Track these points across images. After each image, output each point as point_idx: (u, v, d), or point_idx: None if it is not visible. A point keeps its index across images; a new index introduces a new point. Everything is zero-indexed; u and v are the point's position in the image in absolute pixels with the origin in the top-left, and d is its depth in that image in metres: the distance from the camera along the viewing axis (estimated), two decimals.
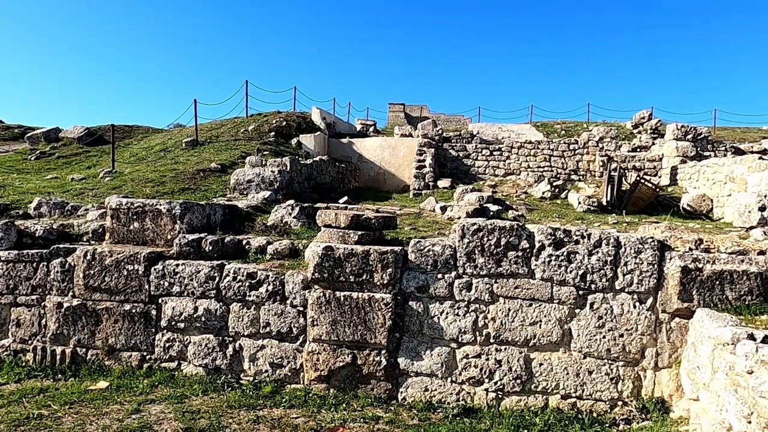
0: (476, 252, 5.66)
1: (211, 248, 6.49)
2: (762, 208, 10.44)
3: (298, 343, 5.97)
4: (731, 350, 4.16)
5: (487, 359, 5.64)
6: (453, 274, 5.71)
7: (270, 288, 6.01)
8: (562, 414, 5.35)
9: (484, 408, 5.54)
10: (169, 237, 6.79)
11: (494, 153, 18.99)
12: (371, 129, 24.27)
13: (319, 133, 18.62)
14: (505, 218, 9.60)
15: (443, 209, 10.40)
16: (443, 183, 16.14)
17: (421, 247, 5.77)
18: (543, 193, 14.80)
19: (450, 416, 5.34)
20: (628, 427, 5.09)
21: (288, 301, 5.97)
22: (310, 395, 5.67)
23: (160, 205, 6.89)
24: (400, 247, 5.89)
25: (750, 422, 3.75)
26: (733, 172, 13.08)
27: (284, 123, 18.15)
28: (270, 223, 7.95)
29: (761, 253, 5.35)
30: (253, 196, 10.24)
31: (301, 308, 5.93)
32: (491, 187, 16.01)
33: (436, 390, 5.70)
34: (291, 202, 8.65)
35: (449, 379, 5.70)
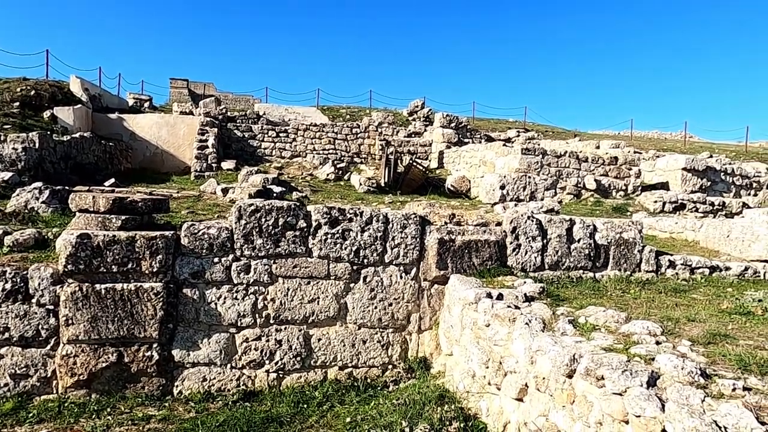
0: (254, 233, 5.57)
1: None
2: (502, 187, 12.33)
3: (48, 347, 5.17)
4: (475, 308, 4.83)
5: (268, 340, 5.63)
6: (230, 257, 5.54)
7: (8, 286, 5.07)
8: (340, 384, 5.63)
9: (265, 390, 5.53)
10: None
11: (281, 135, 18.91)
12: (146, 104, 22.10)
13: (80, 106, 16.28)
14: (289, 199, 9.63)
15: (225, 191, 10.02)
16: (228, 164, 15.54)
17: (195, 231, 5.46)
18: (328, 174, 15.26)
19: (230, 403, 5.21)
20: (397, 387, 5.59)
21: (34, 300, 5.12)
22: (67, 404, 4.99)
23: None
24: (173, 232, 5.49)
25: (488, 367, 4.41)
26: (485, 157, 15.17)
27: (33, 92, 15.42)
28: (10, 210, 6.72)
29: (498, 224, 6.29)
30: None
31: (52, 307, 5.14)
32: (278, 169, 15.96)
33: (215, 378, 5.50)
34: (39, 184, 7.40)
35: (229, 366, 5.54)
